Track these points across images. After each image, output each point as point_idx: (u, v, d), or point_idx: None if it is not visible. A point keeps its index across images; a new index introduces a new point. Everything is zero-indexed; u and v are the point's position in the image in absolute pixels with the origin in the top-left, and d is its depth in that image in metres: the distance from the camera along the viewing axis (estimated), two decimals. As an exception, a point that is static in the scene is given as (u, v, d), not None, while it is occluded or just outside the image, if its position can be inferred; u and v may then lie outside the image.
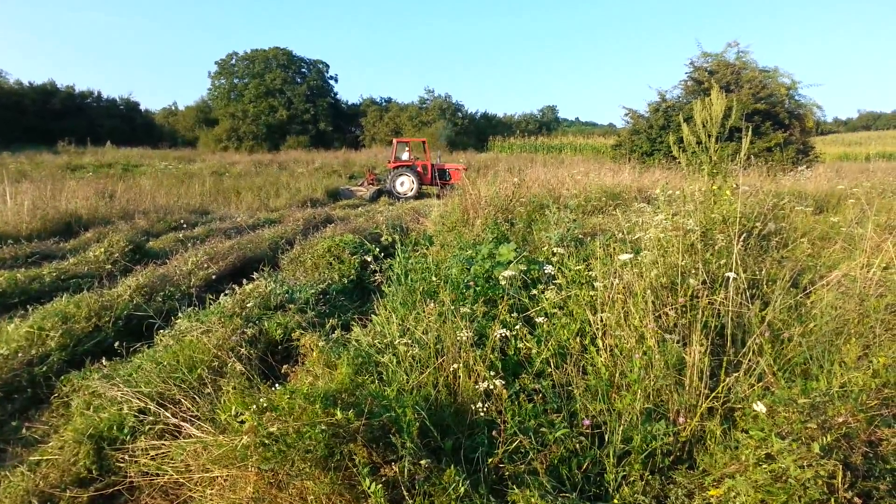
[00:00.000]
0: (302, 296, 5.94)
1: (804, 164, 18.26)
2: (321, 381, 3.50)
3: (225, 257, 8.63)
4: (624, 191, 10.77)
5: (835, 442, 2.39)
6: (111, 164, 30.92)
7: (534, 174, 13.42)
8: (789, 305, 3.81)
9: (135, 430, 3.65)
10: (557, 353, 3.65)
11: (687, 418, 2.96)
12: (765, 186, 8.63)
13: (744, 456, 2.49)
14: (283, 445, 2.62)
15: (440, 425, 3.12)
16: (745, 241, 5.09)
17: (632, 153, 26.53)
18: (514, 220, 8.47)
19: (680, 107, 25.32)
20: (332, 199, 20.84)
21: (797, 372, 3.30)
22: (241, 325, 4.95)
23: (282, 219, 13.92)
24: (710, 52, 26.78)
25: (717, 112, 5.43)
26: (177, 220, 12.81)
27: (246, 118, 58.63)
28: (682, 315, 3.56)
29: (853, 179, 12.22)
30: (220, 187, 20.13)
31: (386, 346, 3.98)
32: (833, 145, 55.11)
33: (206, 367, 4.20)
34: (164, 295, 6.67)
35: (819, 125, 29.49)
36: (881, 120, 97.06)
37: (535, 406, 3.13)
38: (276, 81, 60.47)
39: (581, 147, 52.35)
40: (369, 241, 8.31)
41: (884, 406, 2.69)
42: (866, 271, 4.14)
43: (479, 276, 4.98)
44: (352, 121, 66.48)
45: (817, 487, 2.24)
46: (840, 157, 44.28)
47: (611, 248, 4.73)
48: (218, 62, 62.74)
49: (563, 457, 2.82)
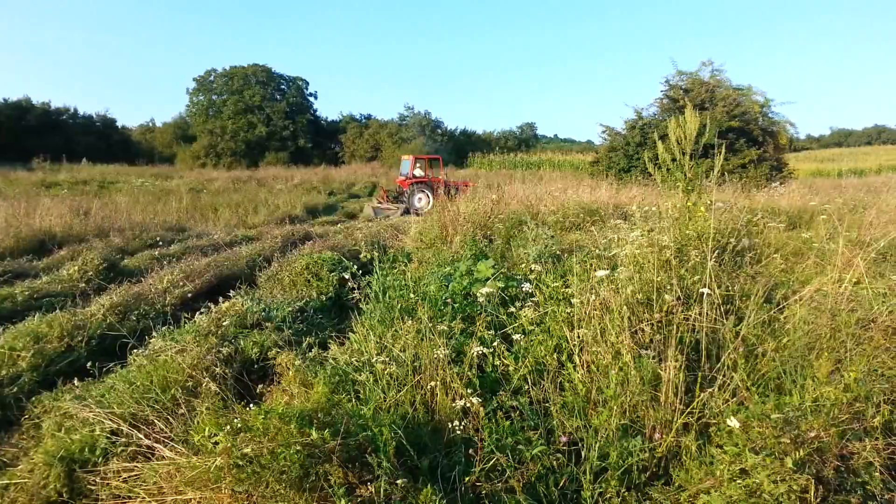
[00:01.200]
0: (279, 314, 5.89)
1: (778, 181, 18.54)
2: (297, 400, 3.47)
3: (201, 275, 8.53)
4: (601, 207, 10.85)
5: (807, 456, 2.41)
6: (87, 181, 30.54)
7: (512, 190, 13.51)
8: (763, 321, 3.85)
9: (107, 452, 3.57)
10: (535, 369, 3.66)
11: (663, 434, 2.97)
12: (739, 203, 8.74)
13: (718, 471, 2.51)
14: (257, 466, 2.59)
15: (417, 444, 3.10)
16: (720, 257, 5.15)
17: (609, 170, 26.77)
18: (493, 237, 8.51)
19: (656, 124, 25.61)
20: (311, 216, 20.77)
21: (771, 387, 3.34)
22: (217, 344, 4.89)
23: (260, 236, 13.83)
24: (685, 71, 27.21)
25: (691, 130, 5.51)
26: (153, 237, 12.66)
27: (224, 135, 58.38)
28: (658, 331, 3.59)
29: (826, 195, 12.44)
30: (198, 204, 19.97)
31: (363, 365, 3.96)
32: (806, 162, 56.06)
33: (181, 387, 4.13)
34: (138, 314, 6.58)
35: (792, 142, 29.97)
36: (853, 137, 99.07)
37: (512, 423, 3.13)
38: (255, 98, 60.32)
39: (560, 163, 52.76)
40: (348, 258, 8.29)
41: (855, 420, 2.72)
42: (838, 286, 4.21)
43: (458, 293, 4.98)
44: (331, 137, 66.50)
45: (790, 502, 2.26)
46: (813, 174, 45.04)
47: (588, 264, 4.76)
48: (196, 79, 62.48)
49: (540, 474, 2.82)
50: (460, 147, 61.83)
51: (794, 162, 31.04)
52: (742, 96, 25.41)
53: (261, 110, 60.61)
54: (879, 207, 9.20)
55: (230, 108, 59.91)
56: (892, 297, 4.25)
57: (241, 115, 59.84)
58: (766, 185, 15.66)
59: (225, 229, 15.20)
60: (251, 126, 59.70)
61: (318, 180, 36.08)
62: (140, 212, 16.76)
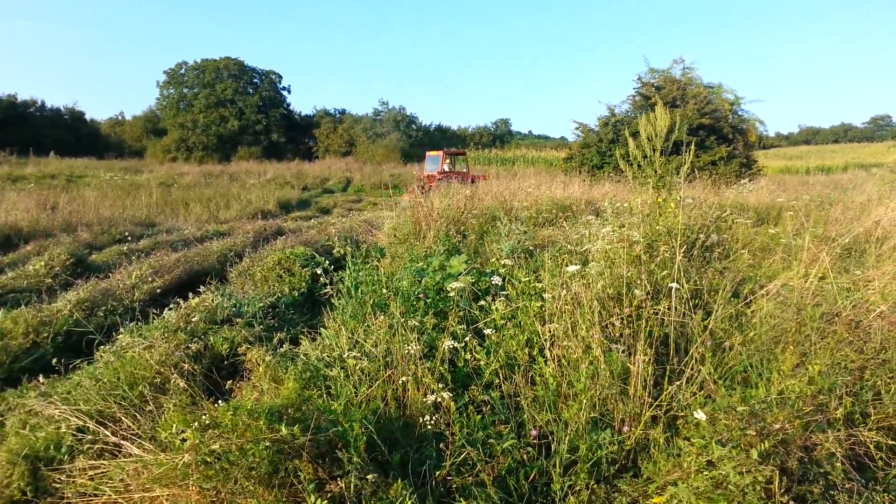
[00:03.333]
0: (250, 309, 5.83)
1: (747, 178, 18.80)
2: (267, 396, 3.44)
3: (171, 271, 8.42)
4: (574, 203, 10.93)
5: (772, 448, 2.45)
6: (54, 175, 29.91)
7: (487, 186, 13.52)
8: (730, 315, 3.91)
9: (73, 450, 3.51)
10: (506, 364, 3.67)
11: (631, 427, 3.00)
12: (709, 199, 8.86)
13: (686, 463, 2.54)
14: (225, 463, 2.56)
15: (388, 439, 3.10)
16: (689, 253, 5.22)
17: (583, 166, 26.96)
18: (467, 233, 8.51)
19: (628, 121, 25.85)
20: (285, 211, 20.58)
21: (738, 380, 3.39)
22: (186, 340, 4.82)
23: (231, 231, 13.67)
24: (657, 69, 27.49)
25: (662, 127, 5.58)
26: (121, 232, 12.43)
27: (196, 128, 57.67)
28: (628, 325, 3.62)
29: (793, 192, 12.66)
30: (168, 199, 19.65)
31: (335, 360, 3.94)
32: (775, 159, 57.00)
33: (148, 383, 4.07)
34: (105, 310, 6.46)
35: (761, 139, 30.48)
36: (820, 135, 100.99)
37: (483, 417, 3.14)
38: (228, 91, 59.61)
39: (534, 159, 52.94)
40: (321, 253, 8.24)
41: (818, 412, 2.77)
42: (804, 281, 4.28)
43: (430, 289, 4.98)
44: (305, 132, 65.96)
45: (755, 493, 2.29)
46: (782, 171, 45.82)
47: (560, 259, 4.79)
48: (167, 72, 61.55)
49: (510, 467, 2.83)
50: (435, 142, 61.73)
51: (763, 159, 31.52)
52: (713, 94, 25.76)
53: (233, 104, 59.90)
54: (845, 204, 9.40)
55: (202, 102, 59.15)
56: (855, 291, 4.34)
57: (213, 108, 59.09)
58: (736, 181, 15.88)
59: (196, 224, 14.99)
60: (223, 120, 59.00)
61: (291, 175, 35.77)
62: (109, 206, 16.43)
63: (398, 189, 26.85)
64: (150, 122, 62.80)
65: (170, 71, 61.42)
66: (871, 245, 6.19)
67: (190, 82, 61.10)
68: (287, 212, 20.53)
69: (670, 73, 26.92)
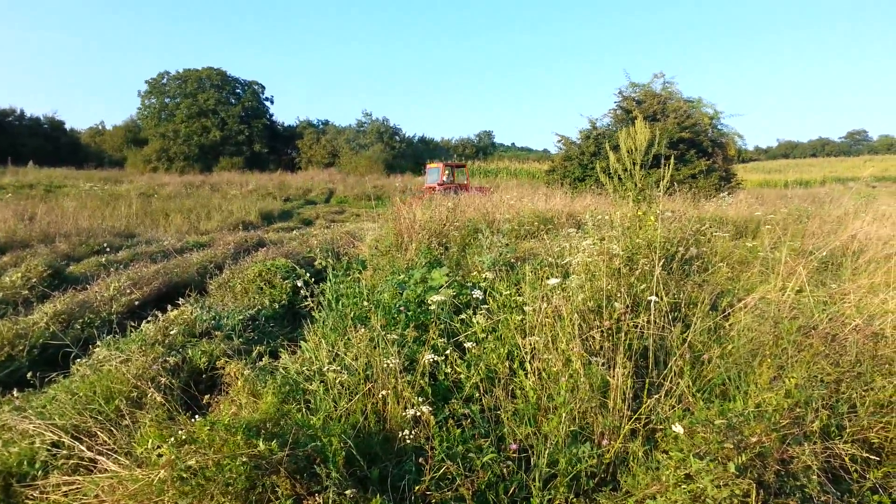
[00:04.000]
0: (229, 322, 5.78)
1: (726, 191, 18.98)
2: (245, 410, 3.41)
3: (149, 282, 8.33)
4: (556, 215, 10.96)
5: (749, 461, 2.47)
6: (32, 185, 29.58)
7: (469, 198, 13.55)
8: (709, 328, 3.94)
9: (47, 465, 3.46)
10: (487, 377, 3.67)
11: (611, 440, 3.01)
12: (688, 212, 8.94)
13: (664, 476, 2.55)
14: (201, 479, 2.53)
15: (368, 453, 3.08)
16: (668, 266, 5.26)
17: (564, 178, 27.06)
18: (449, 245, 8.51)
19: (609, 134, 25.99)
20: (267, 222, 20.49)
21: (716, 392, 3.42)
22: (164, 353, 4.77)
23: (212, 242, 13.56)
24: (638, 83, 27.70)
25: (642, 140, 5.63)
26: (100, 243, 12.29)
27: (177, 138, 57.28)
28: (608, 338, 3.64)
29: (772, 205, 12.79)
30: (148, 209, 19.50)
31: (314, 374, 3.92)
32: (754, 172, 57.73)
33: (125, 398, 4.02)
34: (83, 322, 6.39)
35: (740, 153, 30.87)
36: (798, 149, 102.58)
37: (463, 431, 3.13)
38: (210, 102, 59.33)
39: (517, 171, 53.23)
40: (302, 265, 8.21)
41: (795, 425, 2.80)
42: (781, 295, 4.33)
43: (412, 301, 4.97)
44: (288, 142, 65.78)
45: (733, 506, 2.31)
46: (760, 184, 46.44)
47: (541, 272, 4.80)
48: (148, 81, 61.11)
49: (490, 482, 2.82)
50: (419, 154, 61.85)
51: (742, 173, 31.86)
52: (692, 108, 26.01)
53: (215, 114, 59.61)
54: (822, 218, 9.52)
55: (183, 112, 58.81)
56: (831, 305, 4.39)
57: (195, 118, 58.78)
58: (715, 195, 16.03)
59: (176, 235, 14.87)
60: (205, 130, 58.70)
61: (273, 186, 35.67)
62: (88, 217, 16.26)
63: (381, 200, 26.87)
64: (130, 131, 62.20)
65: (151, 80, 61.06)
66: (848, 258, 6.29)
67: (172, 92, 60.74)
68: (269, 223, 20.45)
69: (651, 88, 27.15)
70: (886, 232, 7.58)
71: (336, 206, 30.18)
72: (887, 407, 3.04)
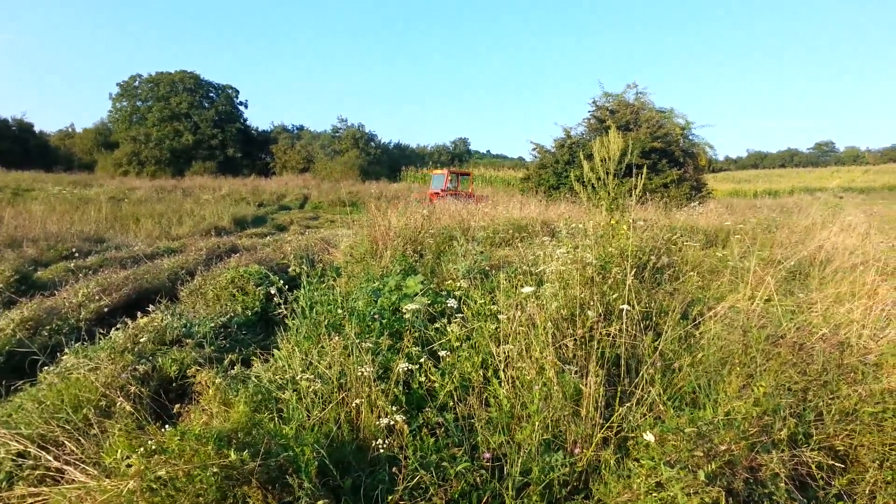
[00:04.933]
0: (201, 329, 5.71)
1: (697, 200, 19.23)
2: (216, 420, 3.37)
3: (119, 289, 8.21)
4: (530, 223, 11.02)
5: (719, 469, 2.51)
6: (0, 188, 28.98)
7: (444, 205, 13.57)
8: (679, 336, 3.99)
9: (12, 476, 3.41)
10: (461, 385, 3.67)
11: (583, 448, 3.03)
12: (660, 221, 9.05)
13: (636, 485, 2.57)
14: (171, 490, 2.49)
15: (341, 463, 3.06)
16: (640, 274, 5.31)
17: (539, 186, 27.23)
18: (424, 252, 8.51)
19: (583, 143, 26.21)
20: (240, 228, 20.30)
21: (686, 400, 3.46)
22: (133, 361, 4.70)
23: (184, 248, 13.41)
24: (612, 93, 28.02)
25: (615, 150, 5.69)
26: (69, 248, 12.09)
27: (149, 142, 56.46)
28: (581, 346, 3.66)
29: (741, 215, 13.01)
30: (119, 214, 19.20)
31: (287, 382, 3.88)
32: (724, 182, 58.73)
33: (93, 406, 3.96)
34: (50, 329, 6.28)
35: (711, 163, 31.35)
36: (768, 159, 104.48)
37: (437, 440, 3.13)
38: (182, 105, 58.65)
39: (492, 179, 53.40)
40: (276, 272, 8.15)
41: (763, 433, 2.84)
42: (750, 303, 4.40)
43: (386, 309, 4.96)
44: (262, 147, 65.25)
45: (703, 514, 2.34)
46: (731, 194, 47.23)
47: (515, 280, 4.82)
48: (120, 84, 60.26)
49: (463, 491, 2.82)
50: (394, 160, 61.81)
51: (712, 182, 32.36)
52: (665, 119, 26.37)
53: (188, 118, 58.95)
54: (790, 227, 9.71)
55: (155, 115, 58.04)
56: (799, 314, 4.48)
57: (167, 122, 58.03)
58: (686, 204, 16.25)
59: (146, 241, 14.66)
60: (177, 134, 57.99)
61: (247, 191, 35.36)
62: (56, 221, 15.95)
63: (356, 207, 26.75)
64: (101, 135, 61.21)
65: (123, 83, 60.22)
66: (815, 268, 6.41)
67: (144, 95, 59.95)
68: (242, 228, 20.26)
69: (624, 98, 27.48)
70: (852, 242, 7.75)
71: (311, 212, 30.01)
72: (852, 415, 3.10)
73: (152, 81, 59.76)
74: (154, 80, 59.76)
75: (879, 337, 4.00)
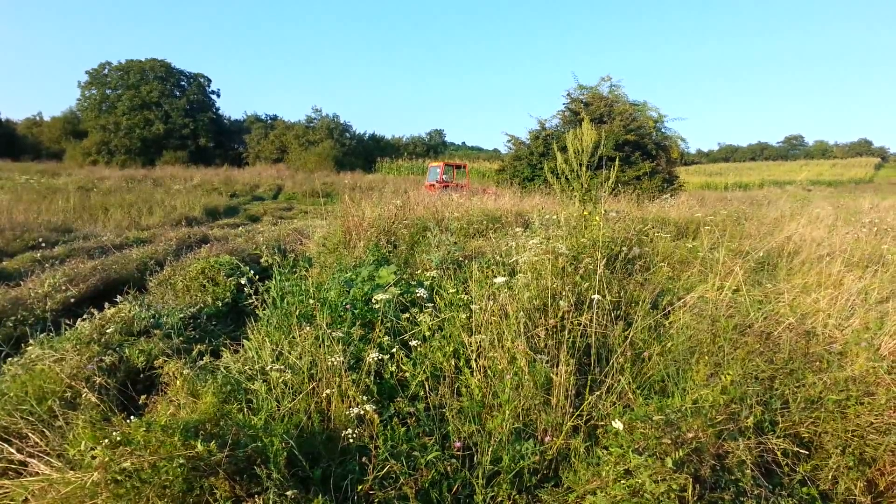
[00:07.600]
0: (169, 320, 5.62)
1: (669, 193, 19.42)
2: (184, 411, 3.32)
3: (86, 279, 8.06)
4: (504, 214, 11.03)
5: (686, 456, 2.53)
6: (-35, 178, 28.29)
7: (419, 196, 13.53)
8: (649, 326, 4.03)
9: (-28, 469, 3.31)
10: (433, 375, 3.67)
11: (553, 437, 3.04)
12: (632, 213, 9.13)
13: (604, 472, 2.59)
14: (136, 481, 2.45)
15: (311, 453, 3.04)
16: (612, 265, 5.35)
17: (514, 178, 27.30)
18: (398, 243, 8.48)
19: (558, 135, 26.32)
20: (212, 218, 20.03)
21: (656, 389, 3.50)
22: (100, 352, 4.61)
23: (153, 238, 13.19)
24: (586, 85, 28.18)
25: (588, 142, 5.71)
26: (35, 238, 11.82)
27: (118, 131, 55.37)
28: (552, 336, 3.68)
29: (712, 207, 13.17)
30: (87, 204, 18.80)
31: (257, 373, 3.85)
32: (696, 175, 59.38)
33: (58, 398, 3.88)
34: (15, 320, 6.14)
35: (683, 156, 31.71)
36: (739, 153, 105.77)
37: (408, 430, 3.12)
38: (153, 94, 57.58)
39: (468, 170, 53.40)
40: (248, 262, 8.05)
41: (730, 421, 2.88)
42: (719, 294, 4.46)
43: (358, 299, 4.93)
44: (235, 137, 64.44)
45: (670, 501, 2.36)
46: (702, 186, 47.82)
47: (488, 270, 4.82)
48: (89, 72, 58.89)
49: (434, 480, 2.82)
50: (369, 151, 61.38)
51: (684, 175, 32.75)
52: (638, 112, 26.58)
53: (159, 107, 57.90)
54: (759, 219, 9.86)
55: (125, 104, 56.89)
56: (767, 304, 4.54)
57: (137, 111, 56.92)
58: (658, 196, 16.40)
59: (115, 231, 14.39)
60: (148, 123, 56.95)
61: (219, 181, 34.84)
62: (23, 211, 15.58)
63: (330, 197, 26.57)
64: (69, 123, 59.94)
65: (92, 71, 58.89)
66: (783, 259, 6.51)
67: (113, 83, 58.72)
68: (214, 219, 19.99)
69: (598, 90, 27.63)
70: (820, 234, 7.90)
71: (284, 203, 29.71)
72: (817, 403, 3.16)
73: (122, 69, 58.58)
74: (124, 67, 58.58)
75: (844, 326, 4.08)
